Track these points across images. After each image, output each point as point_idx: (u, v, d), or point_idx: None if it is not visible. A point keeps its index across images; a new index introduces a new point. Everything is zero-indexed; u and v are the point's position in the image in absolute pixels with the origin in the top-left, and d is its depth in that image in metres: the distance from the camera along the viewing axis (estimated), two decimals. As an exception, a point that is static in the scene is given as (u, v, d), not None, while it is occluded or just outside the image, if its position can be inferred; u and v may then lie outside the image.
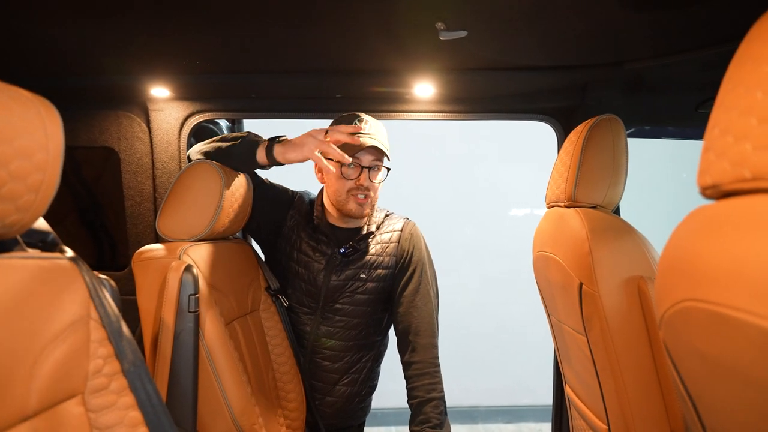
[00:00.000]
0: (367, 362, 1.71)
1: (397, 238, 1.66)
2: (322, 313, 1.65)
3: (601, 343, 1.28)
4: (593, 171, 1.36)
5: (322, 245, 1.65)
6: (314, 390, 1.67)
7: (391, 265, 1.64)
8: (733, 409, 0.65)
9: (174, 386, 1.22)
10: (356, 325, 1.65)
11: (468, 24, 1.30)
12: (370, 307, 1.65)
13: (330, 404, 1.68)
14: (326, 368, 1.67)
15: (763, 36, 0.62)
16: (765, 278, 0.56)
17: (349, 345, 1.66)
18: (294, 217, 1.68)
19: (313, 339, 1.66)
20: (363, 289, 1.63)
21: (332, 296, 1.63)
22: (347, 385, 1.68)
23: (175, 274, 1.24)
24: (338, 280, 1.62)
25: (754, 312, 0.57)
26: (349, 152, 1.47)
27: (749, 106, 0.61)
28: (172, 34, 1.44)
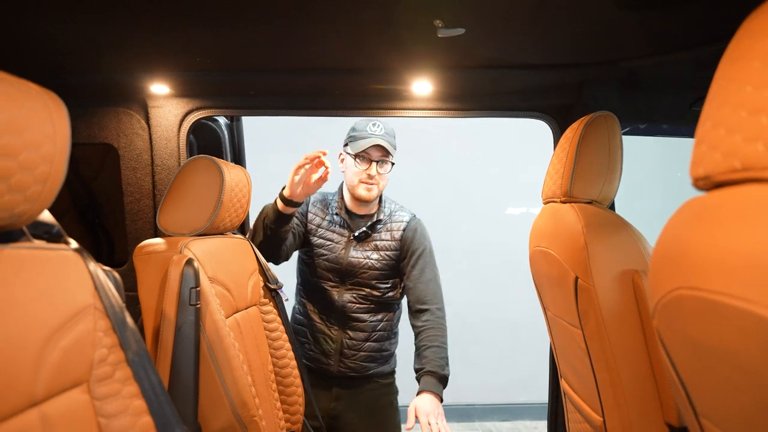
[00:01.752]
0: (388, 321, 2.03)
1: (404, 228, 2.01)
2: (345, 285, 1.98)
3: (596, 336, 1.30)
4: (589, 167, 1.38)
5: (342, 229, 2.00)
6: (349, 348, 1.96)
7: (397, 248, 2.00)
8: (725, 394, 0.67)
9: (175, 378, 1.24)
10: (372, 294, 1.99)
11: (465, 22, 1.32)
12: (380, 280, 1.99)
13: (364, 357, 1.98)
14: (355, 327, 1.98)
15: (752, 33, 0.64)
16: (754, 265, 0.58)
17: (371, 307, 1.99)
18: (315, 215, 2.03)
19: (341, 306, 1.97)
20: (375, 265, 1.97)
21: (351, 271, 1.97)
22: (375, 341, 2.00)
23: (177, 267, 1.25)
24: (355, 257, 1.96)
25: (745, 298, 0.59)
26: (362, 149, 1.85)
27: (740, 100, 0.63)
28: (171, 32, 1.45)
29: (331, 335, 1.96)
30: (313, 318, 1.99)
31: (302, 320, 2.02)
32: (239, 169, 1.60)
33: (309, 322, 2.00)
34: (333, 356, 1.96)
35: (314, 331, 1.98)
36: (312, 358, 1.98)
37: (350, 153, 1.90)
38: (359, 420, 1.99)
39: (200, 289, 1.28)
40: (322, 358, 1.96)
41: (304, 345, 2.00)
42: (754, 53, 0.62)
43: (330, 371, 1.96)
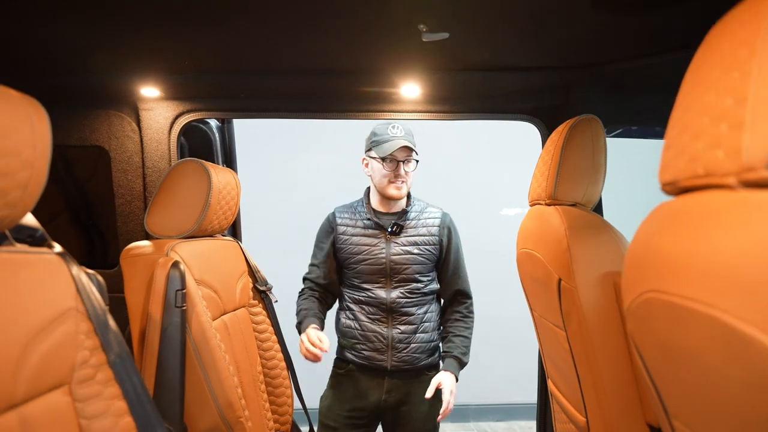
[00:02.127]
0: (433, 313, 2.12)
1: (439, 223, 2.10)
2: (392, 283, 2.04)
3: (579, 337, 1.32)
4: (573, 170, 1.39)
5: (375, 230, 2.05)
6: (401, 341, 2.03)
7: (435, 242, 2.09)
8: (693, 396, 0.68)
9: (161, 380, 1.25)
10: (419, 288, 2.07)
11: (449, 26, 1.33)
12: (423, 273, 2.07)
13: (414, 349, 2.04)
14: (404, 321, 2.04)
15: (715, 41, 0.65)
16: (713, 270, 0.59)
17: (417, 301, 2.07)
18: (345, 225, 2.09)
19: (390, 303, 2.02)
20: (416, 260, 2.05)
21: (396, 268, 2.03)
22: (423, 332, 2.07)
23: (163, 270, 1.26)
24: (397, 254, 2.03)
25: (707, 302, 0.61)
26: (389, 152, 1.92)
27: (703, 107, 0.64)
28: (160, 35, 1.46)
29: (382, 332, 2.03)
30: (363, 319, 2.05)
31: (351, 324, 2.06)
32: (228, 172, 1.61)
33: (359, 325, 2.05)
34: (386, 352, 2.02)
35: (365, 331, 2.03)
36: (366, 357, 2.03)
37: (376, 157, 1.98)
38: (410, 412, 2.08)
39: (186, 292, 1.29)
40: (376, 355, 2.03)
41: (356, 346, 2.04)
42: (717, 61, 0.64)
43: (384, 366, 2.02)
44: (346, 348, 2.05)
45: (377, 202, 2.09)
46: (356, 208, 2.12)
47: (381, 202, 2.08)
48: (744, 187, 0.57)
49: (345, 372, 2.04)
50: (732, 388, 0.58)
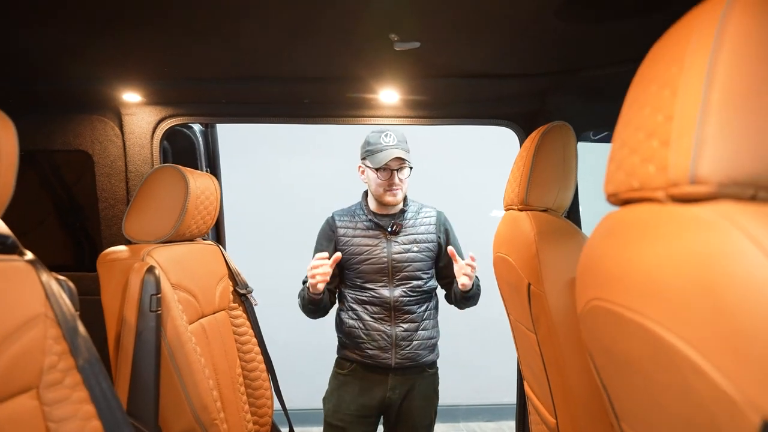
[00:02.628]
0: (432, 311, 2.19)
1: (436, 221, 2.19)
2: (394, 282, 2.09)
3: (548, 341, 1.34)
4: (544, 176, 1.42)
5: (375, 231, 2.11)
6: (404, 339, 2.08)
7: (434, 240, 2.16)
8: (633, 399, 0.71)
9: (136, 383, 1.27)
10: (419, 285, 2.12)
11: (420, 36, 1.36)
12: (423, 270, 2.13)
13: (416, 346, 2.11)
14: (407, 319, 2.10)
15: (654, 58, 0.68)
16: (642, 281, 0.62)
17: (419, 298, 2.13)
18: (345, 227, 2.13)
19: (394, 302, 2.08)
20: (417, 257, 2.11)
21: (397, 266, 2.09)
22: (424, 329, 2.13)
23: (137, 274, 1.29)
24: (398, 253, 2.09)
25: (636, 311, 0.63)
26: (381, 163, 1.95)
27: (640, 123, 0.67)
28: (139, 42, 1.48)
29: (385, 331, 2.07)
30: (366, 318, 2.09)
31: (355, 324, 2.10)
32: (206, 177, 1.63)
33: (362, 324, 2.09)
34: (390, 350, 2.07)
35: (369, 331, 2.08)
36: (370, 355, 2.07)
37: (370, 166, 2.02)
38: (411, 407, 2.15)
39: (161, 296, 1.31)
40: (380, 353, 2.07)
41: (360, 345, 2.08)
42: (653, 78, 0.67)
43: (388, 364, 2.07)
44: (349, 347, 2.09)
45: (375, 206, 2.14)
46: (354, 211, 2.17)
47: (378, 206, 2.13)
48: (671, 201, 0.60)
49: (349, 371, 2.10)
50: (663, 394, 0.61)
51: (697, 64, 0.57)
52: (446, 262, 2.18)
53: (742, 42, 0.54)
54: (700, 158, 0.55)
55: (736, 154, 0.53)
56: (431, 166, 4.10)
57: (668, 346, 0.56)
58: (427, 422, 2.22)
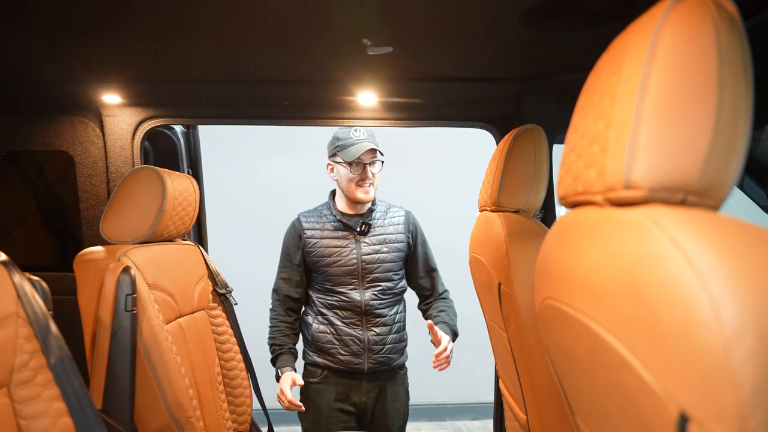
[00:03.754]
0: (401, 313, 2.19)
1: (404, 221, 2.17)
2: (364, 284, 2.07)
3: (517, 339, 1.37)
4: (515, 178, 1.45)
5: (344, 232, 2.08)
6: (376, 343, 2.07)
7: (404, 240, 2.14)
8: (583, 394, 0.74)
9: (111, 382, 1.29)
10: (389, 288, 2.11)
11: (392, 40, 1.38)
12: (394, 271, 2.12)
13: (388, 350, 2.10)
14: (378, 323, 2.08)
15: (597, 69, 0.71)
16: (582, 280, 0.65)
17: (390, 301, 2.12)
18: (313, 229, 2.09)
19: (364, 305, 2.06)
20: (386, 258, 2.09)
21: (367, 267, 2.06)
22: (396, 333, 2.13)
23: (113, 275, 1.30)
24: (368, 254, 2.06)
25: (578, 309, 0.66)
26: (354, 156, 1.95)
27: (585, 129, 0.69)
28: (118, 44, 1.49)
29: (358, 336, 2.05)
30: (337, 324, 2.06)
31: (326, 329, 2.07)
32: (185, 178, 1.65)
33: (334, 329, 2.06)
34: (363, 355, 2.05)
35: (341, 336, 2.05)
36: (343, 361, 2.05)
37: (342, 161, 2.00)
38: (384, 409, 2.15)
39: (137, 296, 1.33)
40: (353, 359, 2.05)
41: (331, 351, 2.05)
42: (597, 87, 0.70)
43: (361, 369, 2.06)
44: (319, 353, 2.07)
45: (344, 205, 2.11)
46: (321, 211, 2.14)
47: (348, 205, 2.10)
48: (609, 204, 0.63)
49: (321, 379, 2.08)
50: (603, 389, 0.64)
51: (632, 74, 0.60)
52: (415, 262, 2.19)
53: (673, 55, 0.57)
54: (632, 164, 0.58)
55: (666, 160, 0.56)
56: (418, 166, 4.13)
57: (605, 343, 0.59)
58: (401, 423, 2.22)
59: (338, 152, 2.01)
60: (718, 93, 0.56)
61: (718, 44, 0.56)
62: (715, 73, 0.56)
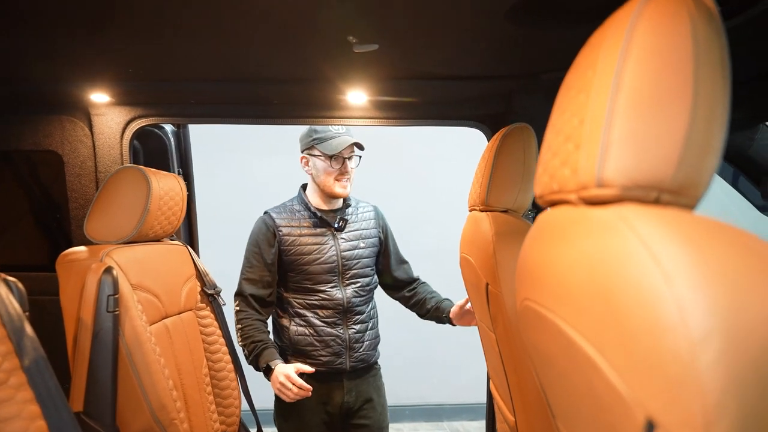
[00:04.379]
0: (374, 309, 2.20)
1: (374, 216, 2.19)
2: (344, 281, 2.05)
3: (505, 340, 1.35)
4: (504, 177, 1.43)
5: (321, 229, 2.05)
6: (355, 341, 2.06)
7: (376, 234, 2.16)
8: (562, 396, 0.72)
9: (93, 383, 1.27)
10: (367, 283, 2.12)
11: (378, 38, 1.37)
12: (370, 267, 2.14)
13: (366, 347, 2.09)
14: (357, 320, 2.08)
15: (575, 65, 0.70)
16: (559, 281, 0.63)
17: (366, 299, 2.12)
18: (287, 227, 2.02)
19: (345, 303, 2.04)
20: (364, 254, 2.10)
21: (347, 264, 2.05)
22: (371, 329, 2.13)
23: (94, 275, 1.29)
24: (347, 251, 2.05)
25: (553, 310, 0.65)
26: (335, 150, 1.94)
27: (561, 126, 0.68)
28: (104, 43, 1.47)
29: (339, 335, 2.02)
30: (317, 324, 2.00)
31: (305, 332, 2.00)
32: (171, 178, 1.64)
33: (314, 330, 2.00)
34: (344, 354, 2.03)
35: (322, 336, 2.00)
36: (324, 362, 2.00)
37: (321, 154, 1.97)
38: (372, 406, 2.15)
39: (119, 296, 1.32)
40: (334, 359, 2.01)
41: (312, 353, 1.99)
42: (573, 83, 0.68)
43: (342, 368, 2.03)
44: (298, 356, 2.00)
45: (318, 200, 2.07)
46: (293, 207, 2.08)
47: (322, 200, 2.07)
48: (583, 203, 0.61)
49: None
50: (576, 392, 0.62)
51: (607, 69, 0.59)
52: (388, 257, 2.22)
53: (648, 49, 0.55)
54: (605, 161, 0.56)
55: (639, 158, 0.54)
56: (412, 165, 4.12)
57: (577, 346, 0.57)
58: (387, 422, 2.22)
59: (316, 145, 1.97)
60: (694, 88, 0.54)
61: (694, 38, 0.55)
62: (690, 68, 0.54)
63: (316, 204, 2.07)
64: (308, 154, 2.03)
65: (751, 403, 0.40)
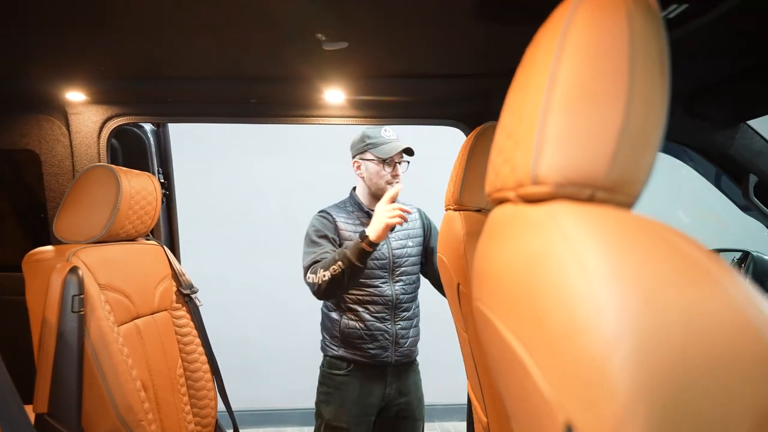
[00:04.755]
0: (418, 308, 2.25)
1: (419, 216, 2.28)
2: (393, 277, 2.14)
3: (476, 341, 1.34)
4: (477, 176, 1.42)
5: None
6: (402, 336, 2.14)
7: (421, 235, 2.24)
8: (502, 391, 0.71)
9: (57, 384, 1.26)
10: (414, 280, 2.21)
11: (347, 36, 1.36)
12: (417, 265, 2.22)
13: (411, 343, 2.18)
14: (404, 316, 2.15)
15: (522, 62, 0.69)
16: (497, 281, 0.62)
17: (413, 296, 2.20)
18: (345, 223, 2.13)
19: (393, 299, 2.12)
20: (412, 252, 2.18)
21: (397, 261, 2.14)
22: (415, 326, 2.21)
23: (59, 275, 1.27)
24: (397, 249, 2.15)
25: (494, 311, 0.64)
26: (389, 155, 2.03)
27: (506, 124, 0.67)
28: (82, 41, 1.46)
29: (386, 329, 2.11)
30: (368, 318, 2.10)
31: (356, 325, 2.10)
32: (144, 177, 1.62)
33: (364, 325, 2.09)
34: (390, 348, 2.12)
35: (371, 330, 2.09)
36: (371, 355, 2.10)
37: (376, 158, 2.06)
38: (410, 401, 2.22)
39: (85, 296, 1.30)
40: (381, 352, 2.11)
41: (360, 345, 2.10)
42: (518, 81, 0.67)
43: (387, 362, 2.12)
44: (346, 348, 2.11)
45: (369, 202, 2.16)
46: (346, 208, 2.19)
47: (372, 201, 2.14)
48: (522, 201, 0.60)
49: (347, 372, 2.11)
50: (514, 393, 0.61)
51: (543, 66, 0.58)
52: (432, 253, 2.24)
53: (583, 45, 0.54)
54: (539, 159, 0.55)
55: (572, 155, 0.53)
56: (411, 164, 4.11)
57: (511, 347, 0.56)
58: (423, 414, 2.31)
59: (369, 149, 2.06)
60: (629, 84, 0.53)
61: (630, 33, 0.54)
62: (626, 63, 0.53)
63: (368, 205, 2.17)
64: (360, 158, 2.11)
65: (663, 405, 0.39)
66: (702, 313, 0.40)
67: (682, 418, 0.38)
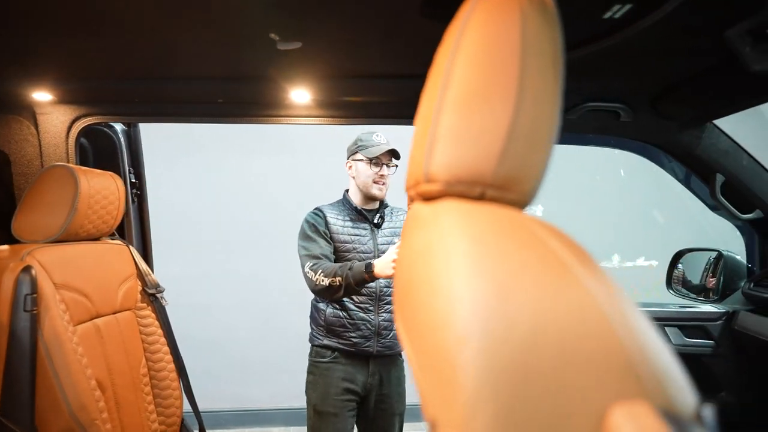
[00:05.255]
0: None
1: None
2: None
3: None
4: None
5: (362, 223, 2.31)
6: (385, 328, 2.24)
7: None
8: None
9: (9, 383, 1.26)
10: None
11: (300, 36, 1.36)
12: None
13: (394, 335, 2.25)
14: (388, 309, 2.26)
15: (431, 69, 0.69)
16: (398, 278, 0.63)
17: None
18: (335, 218, 2.29)
19: (378, 291, 2.24)
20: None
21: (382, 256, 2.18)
22: None
23: (11, 274, 1.28)
24: (383, 244, 2.27)
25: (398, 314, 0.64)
26: (375, 155, 2.20)
27: (416, 122, 0.67)
28: (47, 40, 1.45)
29: (369, 319, 2.22)
30: (351, 308, 2.22)
31: (339, 313, 2.23)
32: (106, 176, 1.62)
33: (347, 314, 2.22)
34: (372, 338, 2.22)
35: (354, 320, 2.21)
36: (353, 343, 2.21)
37: (363, 159, 2.24)
38: (388, 393, 2.31)
39: (39, 296, 1.30)
40: (362, 341, 2.22)
41: (343, 334, 2.21)
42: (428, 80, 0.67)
43: (369, 352, 2.22)
44: (330, 336, 2.23)
45: (359, 201, 2.33)
46: (338, 206, 2.36)
47: (362, 201, 2.33)
48: (420, 199, 0.61)
49: (331, 359, 2.23)
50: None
51: (441, 65, 0.58)
52: None
53: (476, 44, 0.55)
54: (431, 157, 0.56)
55: (462, 153, 0.54)
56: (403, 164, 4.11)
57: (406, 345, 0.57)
58: (402, 409, 2.38)
59: (360, 151, 2.25)
60: (519, 82, 0.54)
61: (522, 32, 0.54)
62: (517, 62, 0.54)
63: (358, 204, 2.33)
64: (352, 159, 2.31)
65: (507, 402, 0.39)
66: (552, 308, 0.41)
67: (526, 414, 0.39)
